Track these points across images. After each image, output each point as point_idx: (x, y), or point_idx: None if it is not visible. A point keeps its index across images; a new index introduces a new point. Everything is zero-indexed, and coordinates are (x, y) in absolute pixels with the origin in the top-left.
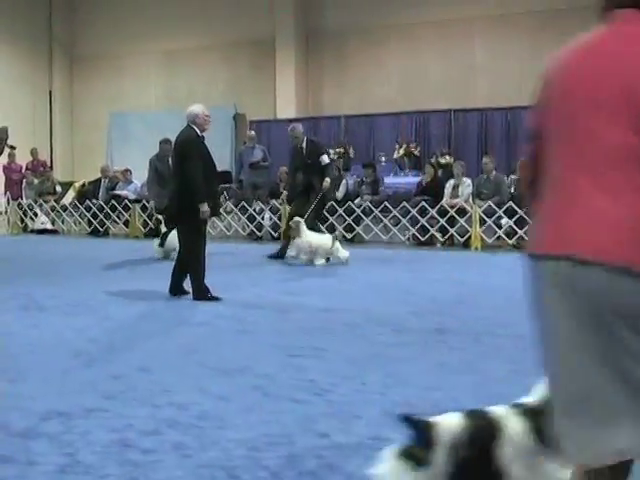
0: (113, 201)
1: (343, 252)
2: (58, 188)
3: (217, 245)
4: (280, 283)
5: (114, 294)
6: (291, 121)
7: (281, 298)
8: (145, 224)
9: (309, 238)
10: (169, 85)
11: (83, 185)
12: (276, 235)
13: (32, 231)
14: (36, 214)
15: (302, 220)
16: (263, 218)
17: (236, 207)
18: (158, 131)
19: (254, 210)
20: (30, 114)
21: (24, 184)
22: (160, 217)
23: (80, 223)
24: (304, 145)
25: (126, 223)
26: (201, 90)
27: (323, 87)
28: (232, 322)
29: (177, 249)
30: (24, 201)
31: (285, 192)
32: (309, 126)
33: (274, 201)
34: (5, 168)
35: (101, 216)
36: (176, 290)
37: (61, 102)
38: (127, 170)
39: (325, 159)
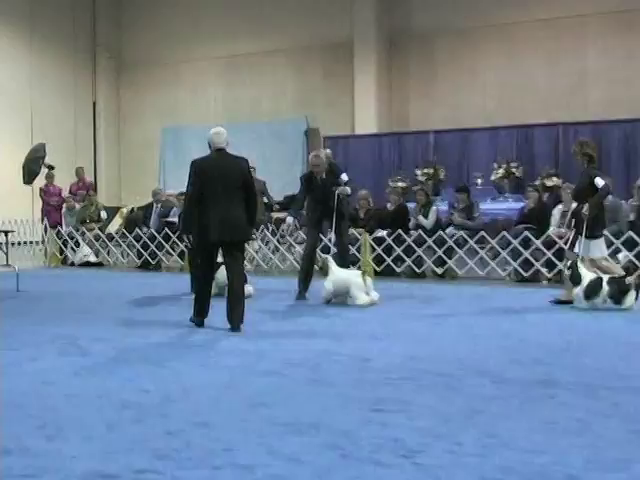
0: (166, 229)
1: (373, 293)
2: (103, 214)
3: (287, 280)
4: (359, 324)
5: (167, 337)
6: (371, 137)
7: (361, 343)
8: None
9: (341, 275)
10: (230, 96)
11: (131, 211)
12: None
13: (73, 264)
14: (78, 244)
15: (330, 257)
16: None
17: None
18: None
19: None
20: (71, 129)
21: (64, 209)
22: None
23: (128, 255)
24: (324, 176)
25: (181, 255)
26: (267, 101)
27: (409, 98)
28: (304, 370)
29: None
30: (64, 229)
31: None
32: (392, 143)
33: (353, 230)
34: (43, 191)
35: (152, 247)
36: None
37: (106, 115)
38: (182, 194)
39: (344, 177)
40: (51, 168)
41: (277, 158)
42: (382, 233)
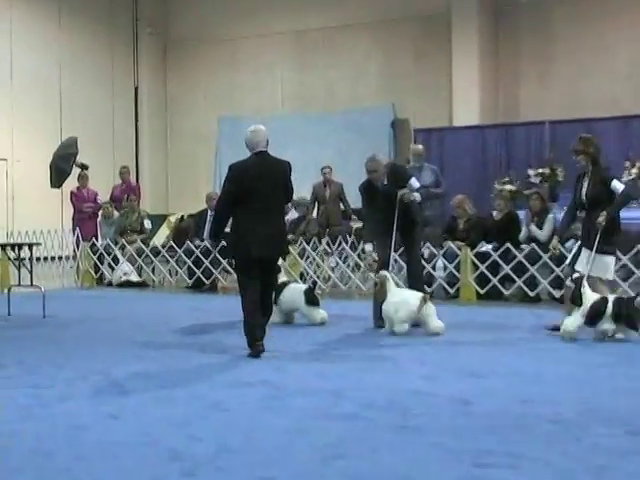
0: (224, 242)
1: (436, 321)
2: (147, 224)
3: (368, 304)
4: (453, 358)
5: (222, 372)
6: (473, 129)
7: (458, 381)
8: None
9: (395, 298)
10: (299, 80)
11: (181, 219)
12: (453, 292)
13: (110, 284)
14: (116, 260)
15: (388, 274)
16: (435, 267)
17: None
18: (286, 142)
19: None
20: (108, 120)
21: (99, 218)
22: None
23: (177, 273)
24: (385, 181)
25: None
26: (345, 86)
27: (519, 81)
28: (390, 414)
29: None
30: (99, 242)
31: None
32: (499, 137)
33: (450, 243)
34: (74, 195)
35: (207, 263)
36: None
37: (150, 104)
38: None
39: (415, 183)
40: (84, 168)
41: (357, 155)
42: (486, 247)
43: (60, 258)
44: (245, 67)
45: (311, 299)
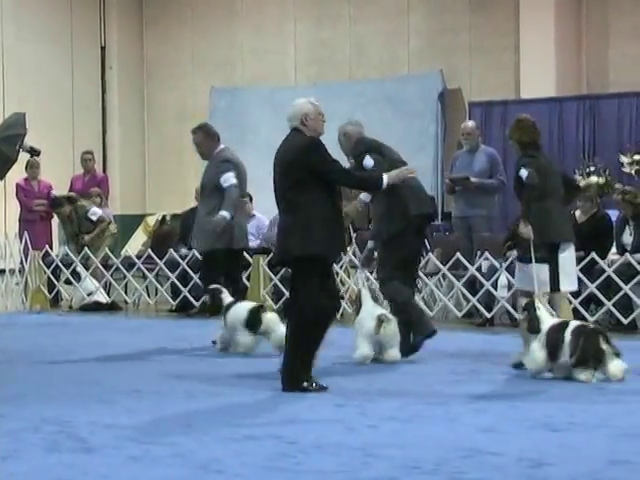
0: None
1: (393, 350)
2: (93, 213)
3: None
4: (523, 405)
5: (218, 422)
6: (547, 102)
7: (528, 436)
8: (278, 292)
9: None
10: (319, 37)
11: (162, 221)
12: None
13: (71, 307)
14: (77, 275)
15: (363, 287)
16: (496, 286)
17: (444, 263)
18: None
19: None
20: (67, 90)
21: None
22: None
23: (157, 292)
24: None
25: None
26: (378, 46)
27: (608, 41)
28: (438, 479)
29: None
30: (55, 251)
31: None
32: (581, 112)
33: (512, 252)
34: (22, 189)
35: (196, 278)
36: None
37: (122, 69)
38: (243, 195)
39: (368, 161)
40: (35, 153)
41: (394, 137)
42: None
43: (3, 272)
44: (246, 22)
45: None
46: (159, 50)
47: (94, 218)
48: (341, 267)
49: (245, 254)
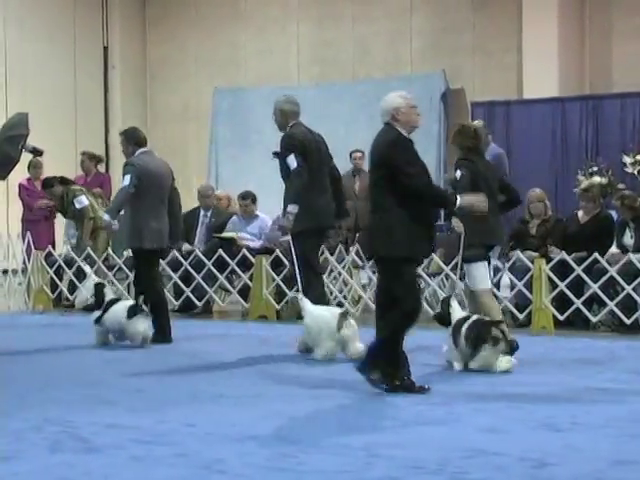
0: (221, 251)
1: (356, 343)
2: (78, 202)
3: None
4: (525, 405)
5: (221, 422)
6: (550, 102)
7: (531, 436)
8: (280, 294)
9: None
10: (322, 38)
11: None
12: (523, 318)
13: (72, 306)
14: (82, 275)
15: (300, 294)
16: (499, 286)
17: (447, 263)
18: (303, 119)
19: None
20: (69, 90)
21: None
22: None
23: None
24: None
25: (244, 292)
26: (380, 47)
27: (610, 38)
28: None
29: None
30: (58, 251)
31: None
32: (585, 113)
33: (519, 254)
34: (24, 189)
35: (199, 278)
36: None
37: (125, 69)
38: (247, 196)
39: (292, 162)
40: (37, 153)
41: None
42: (568, 259)
43: (5, 272)
44: (250, 22)
45: (134, 311)
46: (162, 50)
47: (78, 206)
48: (343, 267)
49: (247, 254)
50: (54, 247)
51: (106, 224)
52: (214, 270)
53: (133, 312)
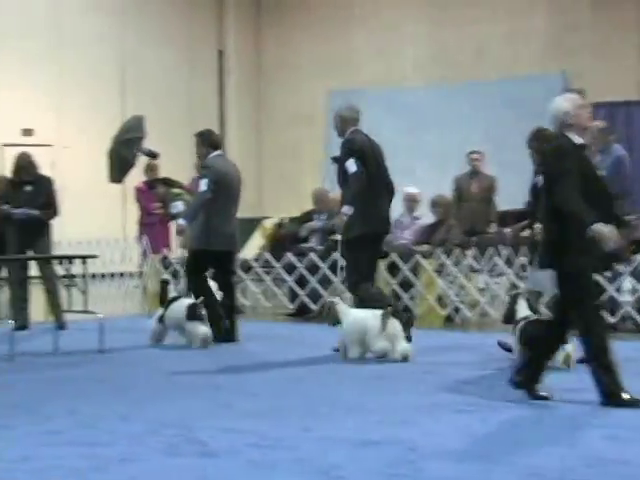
0: (336, 254)
1: (402, 343)
2: (174, 207)
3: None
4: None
5: (340, 427)
6: None
7: (595, 443)
8: (395, 297)
9: (358, 316)
10: (437, 40)
11: (279, 225)
12: None
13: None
14: None
15: (337, 299)
16: (620, 289)
17: None
18: (419, 122)
19: None
20: (184, 93)
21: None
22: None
23: (276, 295)
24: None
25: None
26: (499, 47)
27: None
28: None
29: None
30: (174, 254)
31: None
32: None
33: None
34: (141, 192)
35: (314, 282)
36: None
37: (240, 73)
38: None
39: (351, 167)
40: (153, 156)
41: (514, 139)
42: None
43: (122, 275)
44: (364, 25)
45: (193, 314)
46: (276, 53)
47: (173, 211)
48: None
49: None
50: (170, 250)
51: (180, 229)
52: (330, 273)
53: (192, 313)
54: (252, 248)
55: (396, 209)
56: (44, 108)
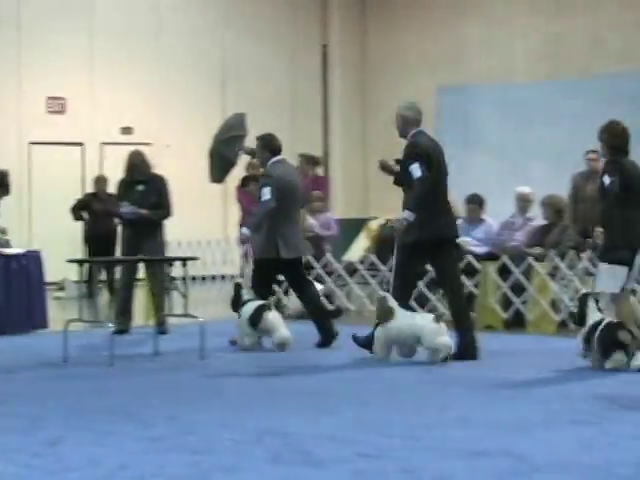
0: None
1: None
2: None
3: None
4: None
5: (448, 437)
6: None
7: None
8: (507, 303)
9: (408, 320)
10: (552, 34)
11: (386, 226)
12: None
13: (289, 316)
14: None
15: (388, 295)
16: None
17: None
18: (530, 118)
19: None
20: (287, 90)
21: None
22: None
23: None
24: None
25: (468, 300)
26: (617, 38)
27: None
28: None
29: None
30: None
31: None
32: None
33: None
34: (241, 193)
35: (421, 286)
36: None
37: (344, 68)
38: (473, 199)
39: (416, 171)
40: (254, 155)
41: (636, 135)
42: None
43: (223, 278)
44: (475, 19)
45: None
46: (382, 47)
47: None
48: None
49: (472, 260)
50: None
51: (244, 238)
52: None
53: (259, 314)
54: (357, 250)
55: (508, 209)
56: (143, 107)
